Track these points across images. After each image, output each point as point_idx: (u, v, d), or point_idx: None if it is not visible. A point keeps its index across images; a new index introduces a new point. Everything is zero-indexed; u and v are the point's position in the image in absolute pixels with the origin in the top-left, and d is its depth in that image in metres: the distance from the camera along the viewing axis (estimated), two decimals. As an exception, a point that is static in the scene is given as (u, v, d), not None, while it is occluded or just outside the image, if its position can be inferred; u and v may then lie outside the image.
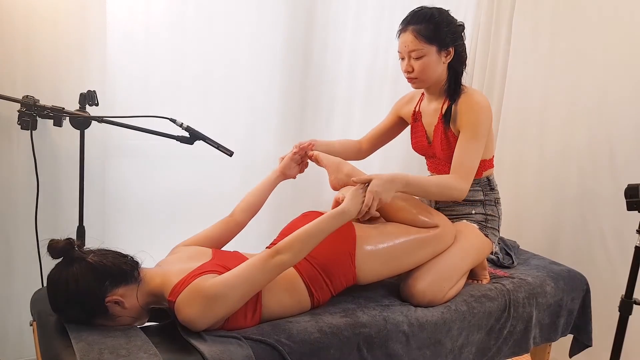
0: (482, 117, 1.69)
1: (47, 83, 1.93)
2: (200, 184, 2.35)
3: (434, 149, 1.85)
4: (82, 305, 1.31)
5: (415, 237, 1.67)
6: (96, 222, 2.09)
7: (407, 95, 1.98)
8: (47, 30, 1.90)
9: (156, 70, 2.16)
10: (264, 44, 2.36)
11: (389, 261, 1.64)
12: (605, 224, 2.32)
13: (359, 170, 1.76)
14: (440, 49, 1.69)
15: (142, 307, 1.38)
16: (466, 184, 1.68)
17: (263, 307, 1.43)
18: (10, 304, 2.05)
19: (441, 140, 1.79)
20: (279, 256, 1.38)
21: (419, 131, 1.88)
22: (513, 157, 2.72)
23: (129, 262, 1.39)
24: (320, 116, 2.58)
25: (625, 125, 2.24)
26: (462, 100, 1.72)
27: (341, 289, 1.60)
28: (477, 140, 1.68)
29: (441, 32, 1.67)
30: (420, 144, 1.90)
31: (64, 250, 1.33)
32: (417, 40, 1.67)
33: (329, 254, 1.52)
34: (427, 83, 1.75)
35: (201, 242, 1.63)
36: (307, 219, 1.71)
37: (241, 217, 1.73)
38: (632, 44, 2.21)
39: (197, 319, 1.30)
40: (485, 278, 1.89)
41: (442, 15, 1.70)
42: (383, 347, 1.51)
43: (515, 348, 1.83)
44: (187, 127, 1.83)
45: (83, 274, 1.30)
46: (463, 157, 1.68)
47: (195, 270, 1.38)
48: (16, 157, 1.94)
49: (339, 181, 1.74)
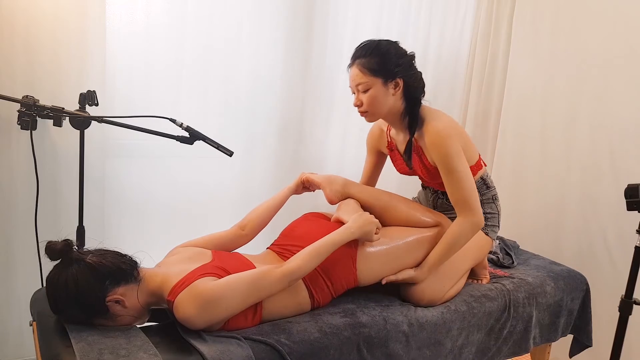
0: (448, 147, 1.63)
1: (47, 83, 1.93)
2: (200, 184, 2.35)
3: (417, 172, 1.85)
4: (82, 306, 1.31)
5: (416, 237, 1.67)
6: (96, 222, 2.09)
7: (374, 129, 1.94)
8: (47, 30, 1.90)
9: (156, 71, 2.16)
10: (264, 44, 2.36)
11: (391, 262, 1.64)
12: (605, 224, 2.32)
13: (352, 180, 1.78)
14: (386, 81, 1.63)
15: (142, 306, 1.38)
16: (476, 214, 1.65)
17: (264, 308, 1.43)
18: (10, 304, 2.05)
19: (420, 168, 1.78)
20: (285, 267, 1.40)
21: (398, 159, 1.87)
22: (513, 157, 2.73)
23: (127, 262, 1.39)
24: (320, 116, 2.58)
25: (625, 125, 2.24)
26: (424, 131, 1.67)
27: (342, 291, 1.60)
28: (457, 171, 1.64)
29: (387, 63, 1.62)
30: (403, 170, 1.90)
31: (63, 251, 1.33)
32: (362, 73, 1.63)
33: (331, 257, 1.52)
34: (378, 116, 1.71)
35: (205, 245, 1.63)
36: (308, 221, 1.73)
37: (252, 233, 1.73)
38: (633, 44, 2.21)
39: (194, 318, 1.30)
40: (486, 277, 1.89)
41: (389, 46, 1.65)
42: (383, 347, 1.51)
43: (515, 348, 1.83)
44: (187, 127, 1.83)
45: (82, 275, 1.30)
46: (457, 194, 1.65)
47: (196, 270, 1.38)
48: (16, 157, 1.94)
49: (335, 193, 1.76)
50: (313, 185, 1.82)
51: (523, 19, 2.68)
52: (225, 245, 1.68)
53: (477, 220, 1.66)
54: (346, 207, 1.71)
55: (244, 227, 1.72)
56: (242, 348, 1.30)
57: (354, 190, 1.77)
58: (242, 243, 1.72)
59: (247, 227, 1.72)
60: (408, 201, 1.78)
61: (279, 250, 1.65)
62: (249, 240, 1.73)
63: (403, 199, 1.78)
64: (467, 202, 1.65)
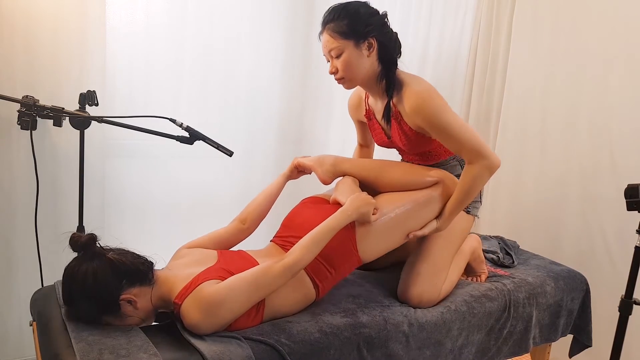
0: (432, 107, 1.55)
1: (47, 83, 1.93)
2: (200, 184, 2.35)
3: (396, 144, 1.77)
4: (95, 301, 1.31)
5: (413, 202, 1.63)
6: (96, 222, 2.09)
7: (353, 98, 1.88)
8: (47, 30, 1.90)
9: (156, 70, 2.16)
10: (264, 43, 2.36)
11: (392, 234, 1.62)
12: (605, 224, 2.32)
13: (342, 157, 1.74)
14: (358, 42, 1.56)
15: (152, 309, 1.39)
16: (489, 157, 1.58)
17: (266, 306, 1.43)
18: (10, 304, 2.05)
19: (399, 135, 1.70)
20: (285, 261, 1.39)
21: (376, 129, 1.80)
22: (513, 157, 2.72)
23: (145, 263, 1.39)
24: (320, 116, 2.58)
25: (626, 125, 2.24)
26: (403, 95, 1.60)
27: (347, 274, 1.60)
28: (449, 124, 1.55)
29: (357, 24, 1.55)
30: (381, 140, 1.82)
31: (86, 244, 1.33)
32: (333, 38, 1.57)
33: (331, 243, 1.49)
34: (355, 81, 1.63)
35: (208, 244, 1.63)
36: (306, 208, 1.71)
37: (254, 225, 1.73)
38: (633, 44, 2.21)
39: (202, 324, 1.30)
40: (484, 272, 1.88)
41: (357, 6, 1.58)
42: (383, 348, 1.51)
43: (515, 348, 1.83)
44: (187, 127, 1.83)
45: (102, 270, 1.31)
46: (460, 147, 1.58)
47: (200, 275, 1.38)
48: (16, 157, 1.94)
49: (326, 173, 1.72)
50: (305, 169, 1.79)
51: (523, 19, 2.68)
52: (228, 241, 1.67)
53: (490, 163, 1.58)
54: (343, 186, 1.68)
55: (244, 221, 1.71)
56: (242, 348, 1.30)
57: (345, 167, 1.73)
58: (245, 236, 1.71)
59: (248, 220, 1.71)
60: (402, 165, 1.71)
61: (281, 242, 1.63)
62: (250, 232, 1.72)
63: (396, 164, 1.73)
64: (474, 150, 1.57)
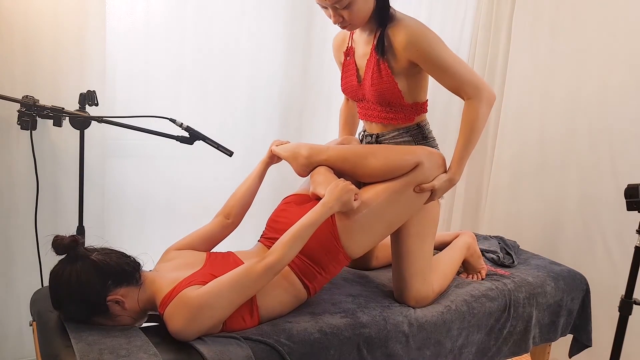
0: (425, 40, 1.54)
1: (47, 83, 1.93)
2: (200, 184, 2.35)
3: (364, 89, 1.70)
4: (83, 303, 1.31)
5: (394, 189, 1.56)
6: (96, 222, 2.09)
7: (337, 36, 1.84)
8: (46, 30, 1.90)
9: (156, 71, 2.16)
10: (263, 43, 2.36)
11: (377, 225, 1.57)
12: (605, 224, 2.32)
13: (316, 145, 1.68)
14: None
15: (141, 309, 1.38)
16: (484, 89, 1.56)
17: (260, 308, 1.43)
18: (10, 304, 2.05)
19: (372, 74, 1.64)
20: (266, 260, 1.36)
21: (350, 69, 1.74)
22: (513, 156, 2.72)
23: (131, 263, 1.39)
24: (320, 116, 2.57)
25: (625, 125, 2.24)
26: (395, 30, 1.58)
27: (337, 271, 1.57)
28: (444, 59, 1.53)
29: None
30: (349, 84, 1.75)
31: (69, 247, 1.33)
32: None
33: (312, 242, 1.46)
34: (361, 24, 1.62)
35: (195, 243, 1.62)
36: (289, 205, 1.69)
37: (238, 219, 1.70)
38: (632, 43, 2.21)
39: (183, 330, 1.29)
40: (483, 267, 1.88)
41: None
42: (383, 348, 1.51)
43: (515, 348, 1.83)
44: (187, 127, 1.83)
45: (86, 272, 1.30)
46: (455, 81, 1.55)
47: (184, 280, 1.37)
48: (16, 157, 1.94)
49: (301, 167, 1.68)
50: (279, 158, 1.75)
51: (523, 19, 2.68)
52: (215, 237, 1.66)
53: (487, 95, 1.56)
54: (318, 177, 1.62)
55: (228, 216, 1.69)
56: (241, 348, 1.30)
57: (320, 158, 1.66)
58: (230, 231, 1.69)
59: (231, 214, 1.68)
60: (379, 151, 1.62)
61: (269, 244, 1.60)
62: (236, 226, 1.70)
63: (372, 151, 1.63)
64: (472, 83, 1.55)
